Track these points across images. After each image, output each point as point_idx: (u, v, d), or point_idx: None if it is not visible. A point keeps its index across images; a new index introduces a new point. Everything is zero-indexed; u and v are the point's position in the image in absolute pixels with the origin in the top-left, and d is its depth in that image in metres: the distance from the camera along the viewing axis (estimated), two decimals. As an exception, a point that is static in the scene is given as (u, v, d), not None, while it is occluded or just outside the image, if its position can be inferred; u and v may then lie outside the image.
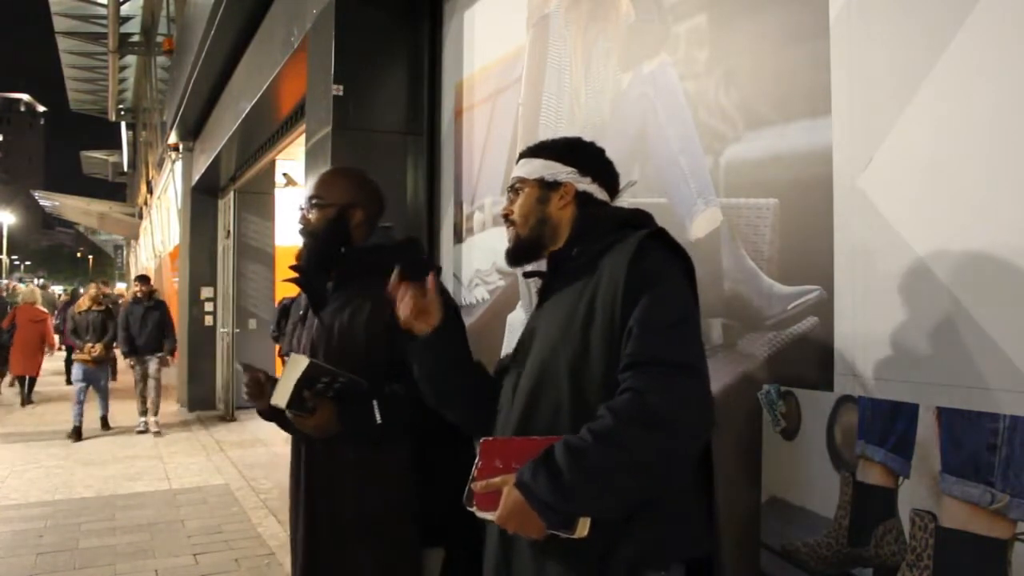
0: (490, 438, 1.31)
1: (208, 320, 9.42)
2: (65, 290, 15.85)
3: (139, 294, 8.10)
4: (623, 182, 1.52)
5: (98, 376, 7.85)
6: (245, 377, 1.87)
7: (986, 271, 1.29)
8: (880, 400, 1.46)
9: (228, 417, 8.58)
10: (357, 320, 1.81)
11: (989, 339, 1.28)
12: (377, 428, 1.71)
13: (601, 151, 1.50)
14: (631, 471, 1.15)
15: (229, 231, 9.08)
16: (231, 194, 9.01)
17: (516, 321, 2.89)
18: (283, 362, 2.10)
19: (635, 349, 1.19)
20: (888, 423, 1.44)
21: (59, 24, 15.32)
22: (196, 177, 9.39)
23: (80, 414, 7.52)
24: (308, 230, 1.85)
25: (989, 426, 1.26)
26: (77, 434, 7.44)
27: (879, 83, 1.49)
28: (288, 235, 8.71)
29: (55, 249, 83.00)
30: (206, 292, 9.48)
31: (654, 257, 1.26)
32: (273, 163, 7.91)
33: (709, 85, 1.94)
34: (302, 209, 1.89)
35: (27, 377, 10.06)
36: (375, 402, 1.71)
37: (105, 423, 7.96)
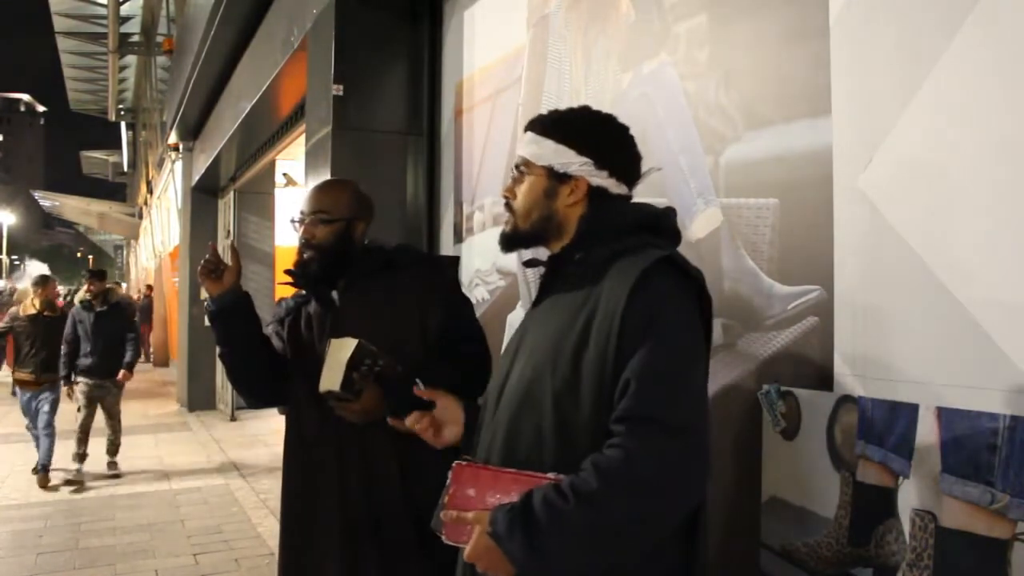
0: (463, 463, 1.22)
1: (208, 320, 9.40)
2: (66, 293, 15.71)
3: (89, 295, 5.86)
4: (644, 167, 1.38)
5: (43, 404, 5.72)
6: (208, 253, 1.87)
7: (986, 270, 1.29)
8: (880, 400, 1.46)
9: (228, 417, 8.59)
10: (380, 310, 1.82)
11: (989, 339, 1.28)
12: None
13: (623, 131, 1.34)
14: (612, 537, 1.07)
15: (229, 231, 9.08)
16: (231, 194, 9.02)
17: (516, 321, 2.88)
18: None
19: (630, 404, 1.09)
20: (888, 423, 1.44)
21: (59, 24, 15.32)
22: (196, 177, 9.40)
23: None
24: (315, 244, 1.85)
25: (989, 426, 1.26)
26: (44, 473, 5.60)
27: (879, 83, 1.49)
28: (288, 235, 8.72)
29: (55, 249, 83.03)
30: (206, 292, 9.46)
31: (658, 292, 1.14)
32: (273, 163, 7.91)
33: (709, 85, 1.94)
34: (300, 221, 1.87)
35: None
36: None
37: (43, 475, 5.58)
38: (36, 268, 10.56)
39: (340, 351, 1.68)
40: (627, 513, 1.07)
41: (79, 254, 72.80)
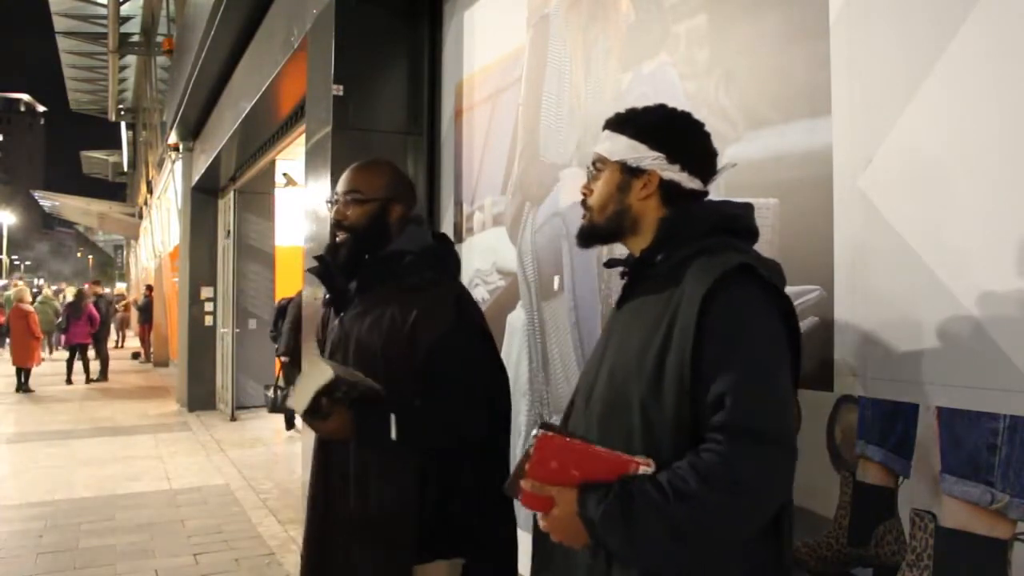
0: (549, 434, 1.18)
1: (208, 320, 9.42)
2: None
3: None
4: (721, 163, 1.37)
5: None
6: None
7: (986, 270, 1.29)
8: (880, 400, 1.46)
9: (228, 417, 8.58)
10: (378, 330, 1.75)
11: (989, 339, 1.28)
12: (390, 444, 1.65)
13: (698, 126, 1.35)
14: (705, 537, 1.13)
15: (229, 231, 9.08)
16: (231, 194, 9.01)
17: (516, 321, 2.88)
18: (281, 364, 2.11)
19: (727, 418, 1.12)
20: (888, 423, 1.44)
21: (59, 24, 15.32)
22: (196, 177, 9.39)
23: None
24: (347, 225, 1.78)
25: (989, 426, 1.26)
26: None
27: (879, 83, 1.49)
28: (288, 235, 8.73)
29: (55, 249, 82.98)
30: (206, 292, 9.48)
31: (737, 300, 1.15)
32: (273, 163, 7.91)
33: (709, 85, 1.94)
34: (334, 202, 1.82)
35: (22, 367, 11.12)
36: (392, 416, 1.65)
37: None
38: (16, 291, 10.97)
39: (315, 375, 1.63)
40: (723, 515, 1.11)
41: (79, 254, 72.84)
